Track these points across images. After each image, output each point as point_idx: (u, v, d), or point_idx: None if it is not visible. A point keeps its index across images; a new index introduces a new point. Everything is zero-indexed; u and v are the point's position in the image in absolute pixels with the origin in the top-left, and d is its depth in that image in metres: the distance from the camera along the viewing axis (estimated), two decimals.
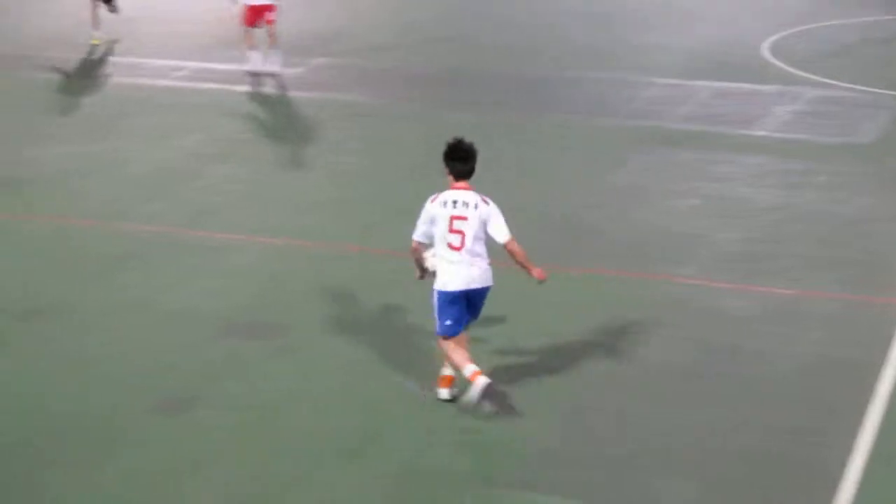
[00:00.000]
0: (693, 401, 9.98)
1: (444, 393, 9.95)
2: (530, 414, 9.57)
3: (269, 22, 20.43)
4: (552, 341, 10.99)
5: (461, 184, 9.85)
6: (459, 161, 9.85)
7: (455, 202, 9.73)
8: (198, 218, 14.13)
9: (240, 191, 15.07)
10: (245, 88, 19.78)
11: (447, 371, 9.93)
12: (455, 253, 9.67)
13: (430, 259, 9.89)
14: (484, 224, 9.70)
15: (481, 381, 9.51)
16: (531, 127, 17.84)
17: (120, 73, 20.80)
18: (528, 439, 9.31)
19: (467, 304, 9.80)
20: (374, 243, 13.39)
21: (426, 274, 9.97)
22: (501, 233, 9.77)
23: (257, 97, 19.44)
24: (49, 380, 10.43)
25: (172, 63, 21.17)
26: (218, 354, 10.83)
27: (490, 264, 9.75)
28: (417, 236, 9.86)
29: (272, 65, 20.44)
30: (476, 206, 9.71)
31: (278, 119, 18.34)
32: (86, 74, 20.92)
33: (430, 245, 9.87)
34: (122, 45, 21.54)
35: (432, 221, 9.75)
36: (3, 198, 14.87)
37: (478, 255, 9.73)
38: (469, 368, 9.61)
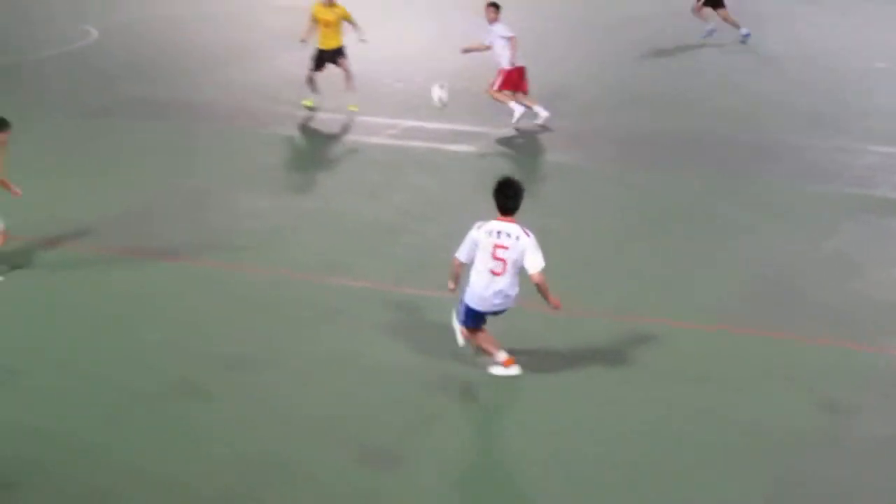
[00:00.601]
0: None
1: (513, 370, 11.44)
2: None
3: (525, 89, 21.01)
4: (752, 401, 10.92)
5: (506, 217, 11.13)
6: (507, 198, 11.17)
7: (499, 232, 11.06)
8: (406, 275, 14.40)
9: (448, 248, 15.30)
10: (453, 147, 20.10)
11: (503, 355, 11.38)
12: (495, 277, 11.03)
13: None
14: (522, 254, 11.02)
15: (514, 369, 11.40)
16: (742, 190, 17.68)
17: (332, 129, 21.37)
18: None
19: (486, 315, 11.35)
20: (590, 304, 13.49)
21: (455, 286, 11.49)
22: (534, 264, 11.10)
23: (465, 156, 19.72)
24: (252, 429, 10.76)
25: (385, 121, 21.64)
26: (423, 410, 11.05)
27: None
28: (461, 257, 11.29)
29: (542, 114, 20.92)
30: (518, 238, 11.03)
31: (485, 179, 18.57)
32: (299, 130, 21.49)
33: (469, 265, 11.28)
34: (336, 103, 22.12)
35: (476, 246, 11.10)
36: (218, 248, 15.38)
37: (513, 283, 11.12)
38: (501, 355, 11.36)
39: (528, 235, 11.15)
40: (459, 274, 11.49)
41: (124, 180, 18.24)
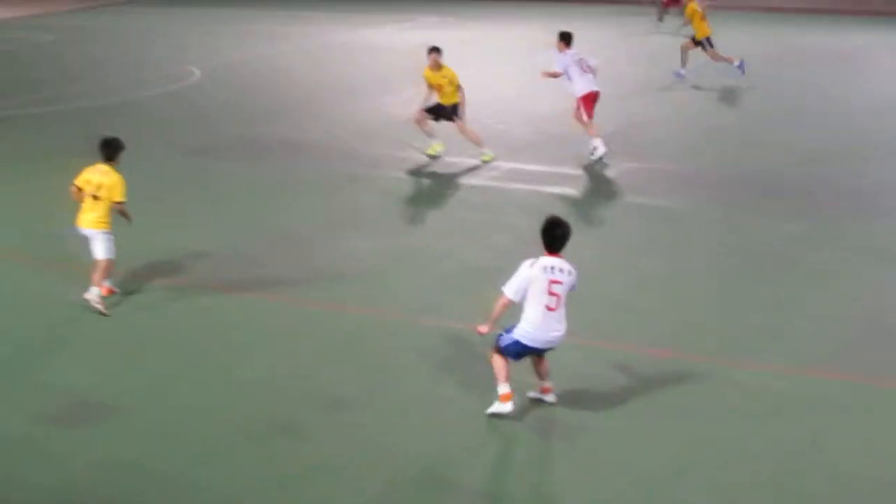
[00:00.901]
0: None
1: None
2: None
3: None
4: (851, 449, 10.76)
5: (554, 254, 11.47)
6: (554, 237, 11.49)
7: (552, 268, 11.39)
8: (505, 319, 14.33)
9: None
10: (554, 190, 20.11)
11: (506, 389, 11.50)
12: (550, 313, 11.34)
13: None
14: (571, 288, 11.44)
15: (508, 406, 11.52)
16: (843, 233, 17.49)
17: (432, 170, 21.49)
18: None
19: (535, 353, 11.59)
20: (690, 348, 13.42)
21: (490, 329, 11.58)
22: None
23: (564, 199, 19.71)
24: (349, 471, 10.78)
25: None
26: (523, 453, 11.06)
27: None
28: (512, 294, 11.41)
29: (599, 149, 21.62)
30: (569, 273, 11.42)
31: (584, 222, 18.56)
32: (399, 171, 21.63)
33: (518, 303, 11.37)
34: (443, 144, 22.23)
35: (529, 283, 11.32)
36: (317, 287, 15.51)
37: (563, 317, 11.45)
38: (504, 387, 11.52)
39: (575, 269, 11.53)
40: (503, 314, 11.59)
41: (225, 218, 18.52)
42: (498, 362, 11.67)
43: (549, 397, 11.93)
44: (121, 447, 11.29)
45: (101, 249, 14.76)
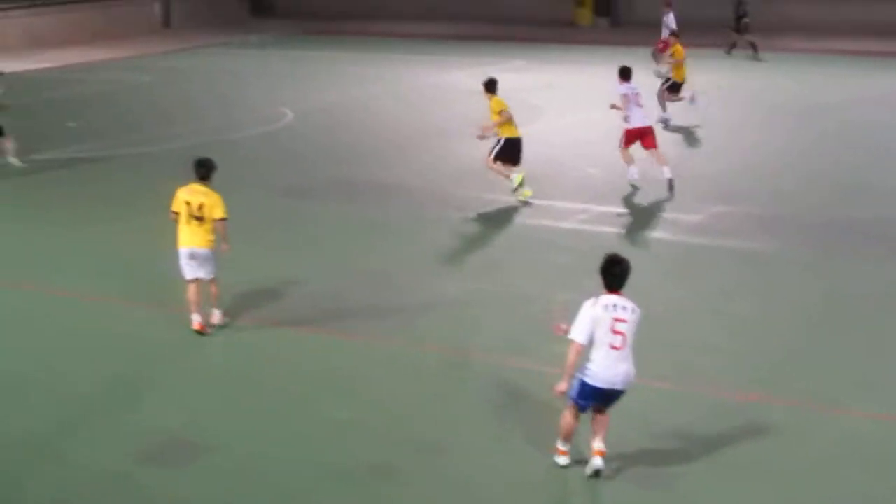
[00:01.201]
0: None
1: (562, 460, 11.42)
2: None
3: (651, 145, 22.63)
4: None
5: (615, 292, 11.19)
6: (614, 276, 11.27)
7: (615, 306, 11.10)
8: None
9: (639, 336, 15.25)
10: (645, 233, 20.03)
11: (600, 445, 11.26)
12: (615, 352, 11.01)
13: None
14: (636, 326, 11.11)
15: (562, 460, 11.40)
16: None
17: (521, 214, 21.50)
18: None
19: (602, 397, 11.19)
20: (782, 393, 13.35)
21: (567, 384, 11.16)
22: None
23: (656, 242, 19.66)
24: None
25: (575, 206, 21.70)
26: (619, 499, 11.10)
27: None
28: (581, 338, 11.06)
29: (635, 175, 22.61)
30: (633, 311, 11.13)
31: (671, 264, 18.48)
32: (487, 214, 21.72)
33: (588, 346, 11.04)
34: (529, 187, 22.29)
35: (595, 324, 11.00)
36: (406, 328, 15.62)
37: (630, 357, 11.09)
38: (563, 445, 11.40)
39: (637, 308, 11.30)
40: (577, 361, 11.19)
41: (315, 257, 18.73)
42: (565, 419, 11.43)
43: (598, 462, 11.32)
44: (211, 486, 11.45)
45: (210, 268, 15.23)
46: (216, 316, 15.42)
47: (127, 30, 50.32)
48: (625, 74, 22.97)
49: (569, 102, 32.14)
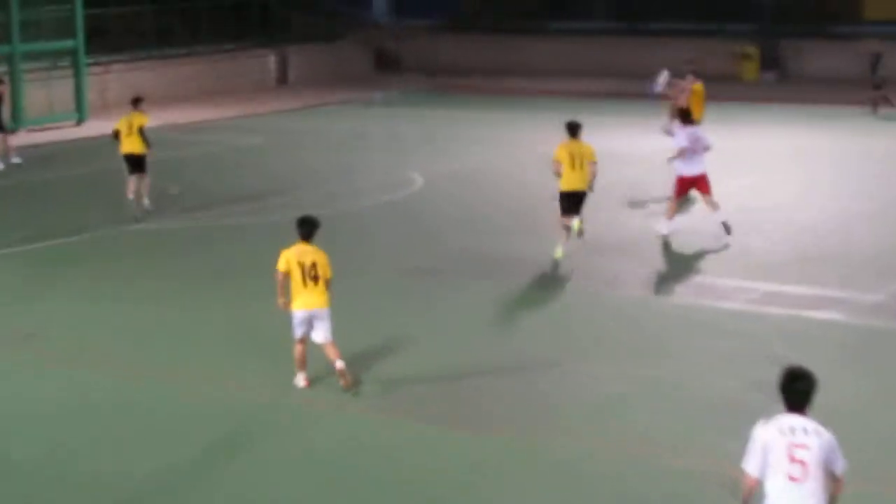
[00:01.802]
0: None
1: None
2: None
3: (705, 191, 24.11)
4: None
5: (796, 412, 10.21)
6: (796, 392, 10.23)
7: (793, 429, 10.12)
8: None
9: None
10: (818, 315, 19.90)
11: None
12: (794, 484, 10.00)
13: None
14: (829, 453, 10.07)
15: None
16: None
17: (680, 293, 21.58)
18: None
19: None
20: None
21: None
22: (840, 465, 10.15)
23: (830, 325, 19.49)
24: None
25: (740, 284, 21.69)
26: None
27: None
28: (753, 470, 10.19)
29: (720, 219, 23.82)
30: (817, 434, 10.09)
31: (850, 349, 18.31)
32: (636, 290, 21.80)
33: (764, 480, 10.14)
34: (685, 262, 22.34)
35: (766, 450, 10.10)
36: (550, 420, 15.70)
37: (818, 492, 10.02)
38: None
39: (828, 431, 10.30)
40: (753, 496, 10.38)
41: (444, 342, 18.91)
42: None
43: None
44: None
45: (328, 328, 16.19)
46: (340, 364, 16.31)
47: (238, 86, 51.42)
48: (683, 117, 25.62)
49: (731, 167, 32.08)
